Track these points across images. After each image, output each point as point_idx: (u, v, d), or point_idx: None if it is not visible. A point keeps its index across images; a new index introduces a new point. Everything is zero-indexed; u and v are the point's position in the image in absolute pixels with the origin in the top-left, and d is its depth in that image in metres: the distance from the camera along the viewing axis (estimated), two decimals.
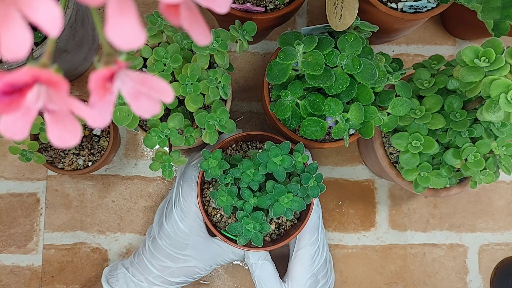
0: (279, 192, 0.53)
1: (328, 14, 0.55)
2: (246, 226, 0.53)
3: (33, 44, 0.59)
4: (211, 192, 0.56)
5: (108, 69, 0.21)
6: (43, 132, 0.62)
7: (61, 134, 0.23)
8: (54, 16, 0.19)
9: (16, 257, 0.75)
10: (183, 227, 0.63)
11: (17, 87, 0.20)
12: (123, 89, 0.23)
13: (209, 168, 0.55)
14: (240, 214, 0.54)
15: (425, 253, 0.78)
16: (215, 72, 0.55)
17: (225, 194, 0.54)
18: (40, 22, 0.19)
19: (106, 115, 0.23)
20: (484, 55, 0.47)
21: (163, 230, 0.65)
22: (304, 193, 0.54)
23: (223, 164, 0.55)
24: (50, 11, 0.19)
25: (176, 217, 0.64)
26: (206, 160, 0.55)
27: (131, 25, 0.20)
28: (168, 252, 0.64)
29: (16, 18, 0.19)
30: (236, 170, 0.54)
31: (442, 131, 0.58)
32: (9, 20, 0.19)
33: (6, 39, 0.19)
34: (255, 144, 0.65)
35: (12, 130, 0.21)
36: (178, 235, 0.64)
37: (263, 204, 0.54)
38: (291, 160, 0.53)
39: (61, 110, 0.22)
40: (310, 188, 0.54)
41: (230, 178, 0.55)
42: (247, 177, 0.53)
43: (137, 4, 0.79)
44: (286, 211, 0.53)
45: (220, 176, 0.55)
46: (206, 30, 0.23)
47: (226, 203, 0.54)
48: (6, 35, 0.19)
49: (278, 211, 0.53)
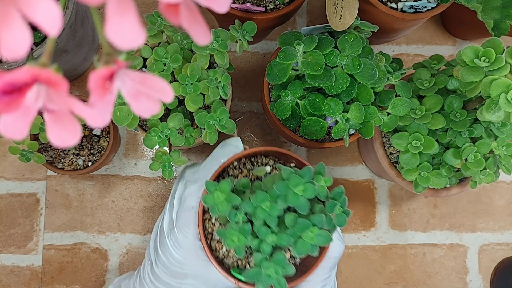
0: (302, 228, 0.43)
1: (328, 14, 0.55)
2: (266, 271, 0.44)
3: (33, 44, 0.59)
4: (218, 231, 0.46)
5: (108, 69, 0.21)
6: (43, 132, 0.62)
7: (60, 134, 0.22)
8: (53, 15, 0.19)
9: (16, 257, 0.75)
10: (178, 257, 0.55)
11: (17, 87, 0.20)
12: (123, 88, 0.23)
13: (215, 204, 0.45)
14: (258, 257, 0.45)
15: (425, 253, 0.78)
16: (215, 72, 0.55)
17: (236, 233, 0.44)
18: (39, 21, 0.19)
19: (105, 115, 0.23)
20: (484, 55, 0.47)
21: (158, 258, 0.58)
22: (330, 224, 0.45)
23: (233, 198, 0.45)
24: (50, 11, 0.19)
25: (169, 247, 0.56)
26: (211, 194, 0.45)
27: (131, 24, 0.20)
28: (166, 281, 0.58)
29: (15, 17, 0.19)
30: (248, 203, 0.44)
31: (442, 131, 0.58)
32: (9, 20, 0.19)
33: (5, 39, 0.19)
34: (260, 159, 0.56)
35: (12, 130, 0.21)
36: (173, 264, 0.57)
37: (284, 242, 0.44)
38: (314, 189, 0.43)
39: (61, 109, 0.22)
40: (336, 216, 0.45)
41: (241, 215, 0.45)
42: (262, 213, 0.44)
43: (137, 4, 0.79)
44: (311, 248, 0.44)
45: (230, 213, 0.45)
46: (206, 30, 0.23)
47: (239, 244, 0.44)
48: (5, 35, 0.19)
49: (302, 249, 0.44)
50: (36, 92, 0.21)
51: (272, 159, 0.55)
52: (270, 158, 0.55)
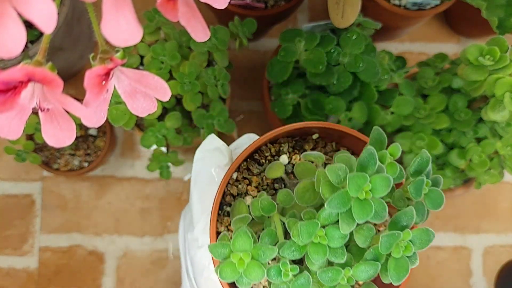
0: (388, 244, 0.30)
1: (330, 11, 0.55)
2: None
3: (28, 42, 0.58)
4: None
5: (104, 67, 0.22)
6: (38, 132, 0.62)
7: (55, 133, 0.23)
8: (48, 12, 0.19)
9: (12, 259, 0.75)
10: None
11: (12, 85, 0.20)
12: (119, 87, 0.24)
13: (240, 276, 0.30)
14: None
15: (428, 255, 0.78)
16: (214, 70, 0.54)
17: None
18: (34, 18, 0.19)
19: (101, 113, 0.23)
20: (489, 54, 0.46)
21: None
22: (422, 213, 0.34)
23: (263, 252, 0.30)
24: (45, 8, 0.19)
25: None
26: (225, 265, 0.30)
27: (128, 21, 0.21)
28: None
29: (10, 15, 0.19)
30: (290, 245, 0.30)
31: (446, 131, 0.58)
32: (4, 17, 0.19)
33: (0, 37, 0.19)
34: (266, 152, 0.41)
35: (7, 129, 0.22)
36: None
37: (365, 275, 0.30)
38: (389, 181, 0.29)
39: (56, 108, 0.23)
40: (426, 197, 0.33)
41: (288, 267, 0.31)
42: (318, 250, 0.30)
43: (134, 0, 0.78)
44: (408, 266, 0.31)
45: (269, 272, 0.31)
46: (204, 27, 0.24)
47: None
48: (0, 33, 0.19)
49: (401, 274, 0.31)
50: (31, 91, 0.21)
51: (285, 142, 0.41)
52: (281, 142, 0.41)
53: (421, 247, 0.30)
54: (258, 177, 0.39)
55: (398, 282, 0.30)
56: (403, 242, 0.30)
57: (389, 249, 0.29)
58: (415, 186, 0.30)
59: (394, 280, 0.30)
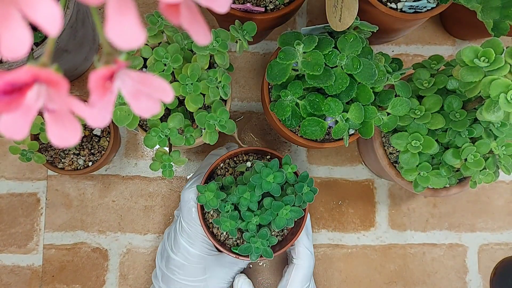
0: (277, 207, 0.56)
1: (328, 14, 0.55)
2: (255, 244, 0.57)
3: (33, 44, 0.59)
4: (215, 220, 0.58)
5: (108, 69, 0.21)
6: (43, 132, 0.62)
7: (61, 133, 0.22)
8: (54, 15, 0.19)
9: (17, 257, 0.75)
10: (195, 251, 0.63)
11: (17, 87, 0.20)
12: (123, 88, 0.23)
13: (207, 201, 0.56)
14: (247, 235, 0.57)
15: (424, 252, 0.78)
16: (215, 72, 0.55)
17: (228, 219, 0.57)
18: (39, 21, 0.19)
19: (106, 114, 0.23)
20: (484, 55, 0.47)
21: (174, 264, 0.64)
22: (300, 201, 0.57)
23: (220, 194, 0.57)
24: (50, 11, 0.19)
25: (184, 244, 0.64)
26: (203, 194, 0.57)
27: (131, 24, 0.20)
28: (185, 283, 0.63)
29: (16, 17, 0.19)
30: (233, 196, 0.56)
31: (442, 131, 0.58)
32: (9, 20, 0.19)
33: (6, 39, 0.19)
34: (241, 157, 0.66)
35: (12, 130, 0.21)
36: (191, 261, 0.63)
37: (265, 221, 0.57)
38: (282, 175, 0.55)
39: (61, 109, 0.22)
40: (304, 195, 0.57)
41: (229, 206, 0.57)
42: (245, 201, 0.56)
43: (137, 4, 0.79)
44: (287, 222, 0.56)
45: (220, 206, 0.57)
46: (206, 30, 0.24)
47: (231, 227, 0.57)
48: (6, 35, 0.19)
49: (280, 224, 0.56)
50: (37, 92, 0.21)
51: (252, 155, 0.66)
52: (250, 155, 0.66)
53: (296, 216, 0.55)
54: (233, 169, 0.64)
55: (279, 228, 0.57)
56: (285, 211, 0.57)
57: (277, 211, 0.57)
58: (298, 186, 0.59)
59: (276, 227, 0.57)
